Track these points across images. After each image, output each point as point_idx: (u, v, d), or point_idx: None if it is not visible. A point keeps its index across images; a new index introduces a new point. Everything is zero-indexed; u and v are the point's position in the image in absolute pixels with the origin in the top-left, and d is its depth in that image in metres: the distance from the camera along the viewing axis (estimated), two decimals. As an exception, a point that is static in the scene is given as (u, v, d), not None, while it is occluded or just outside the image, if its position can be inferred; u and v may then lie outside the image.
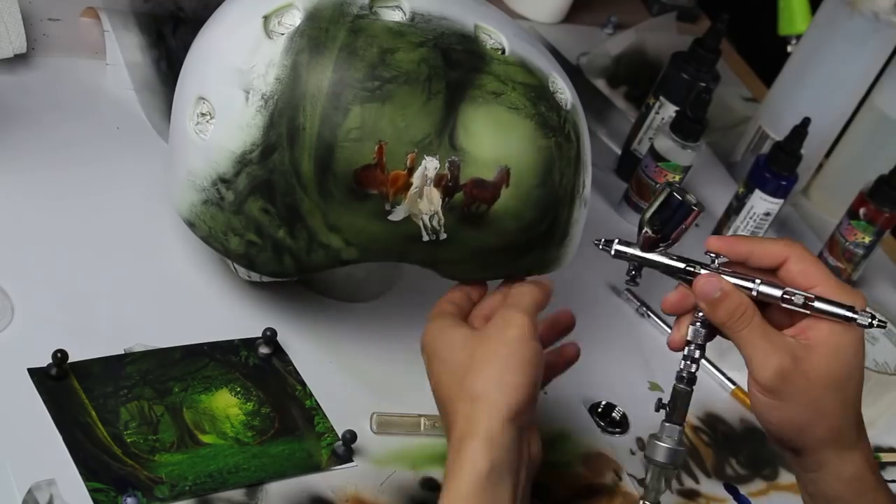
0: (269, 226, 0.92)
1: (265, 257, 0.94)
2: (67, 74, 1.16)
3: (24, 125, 1.09)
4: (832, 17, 1.34)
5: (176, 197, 0.97)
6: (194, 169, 0.94)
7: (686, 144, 1.25)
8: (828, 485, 0.87)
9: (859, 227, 1.29)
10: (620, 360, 1.16)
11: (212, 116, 0.92)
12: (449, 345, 0.88)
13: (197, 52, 0.96)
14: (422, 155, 0.90)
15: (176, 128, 0.97)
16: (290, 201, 0.91)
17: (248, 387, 0.97)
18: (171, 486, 0.88)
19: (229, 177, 0.92)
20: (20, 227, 1.01)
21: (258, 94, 0.90)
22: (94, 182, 1.07)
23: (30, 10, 1.17)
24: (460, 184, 0.91)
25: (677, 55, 1.33)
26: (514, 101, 0.92)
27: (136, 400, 0.92)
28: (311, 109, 0.89)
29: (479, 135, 0.91)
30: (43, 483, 0.84)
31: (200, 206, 0.94)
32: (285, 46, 0.90)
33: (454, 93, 0.91)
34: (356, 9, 0.91)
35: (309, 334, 1.03)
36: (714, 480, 1.08)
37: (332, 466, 0.94)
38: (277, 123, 0.90)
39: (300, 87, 0.90)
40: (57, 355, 0.90)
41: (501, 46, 0.94)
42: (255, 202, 0.92)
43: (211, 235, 0.95)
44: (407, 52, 0.90)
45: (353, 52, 0.90)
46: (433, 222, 0.92)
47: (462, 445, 0.82)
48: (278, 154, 0.90)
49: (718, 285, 0.85)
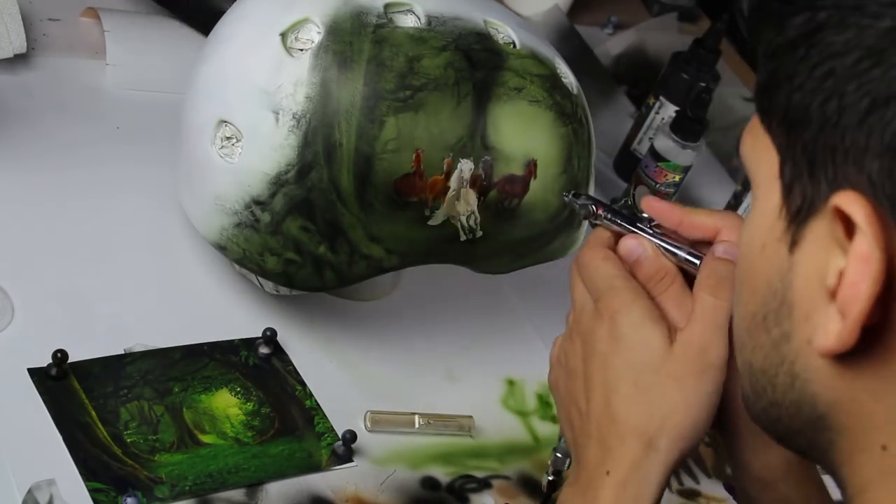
0: (310, 243, 0.92)
1: (305, 273, 0.94)
2: (67, 74, 1.16)
3: (23, 125, 1.09)
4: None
5: (202, 222, 0.96)
6: (223, 193, 0.93)
7: (686, 144, 1.25)
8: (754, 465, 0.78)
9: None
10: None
11: (238, 140, 0.92)
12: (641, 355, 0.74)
13: (210, 75, 0.95)
14: (457, 158, 0.92)
15: (194, 152, 0.95)
16: (331, 217, 0.91)
17: (248, 387, 0.97)
18: (171, 486, 0.88)
19: (264, 199, 0.91)
20: (20, 226, 1.01)
21: (289, 114, 0.90)
22: (94, 182, 1.07)
23: (30, 10, 1.17)
24: (493, 181, 0.93)
25: (677, 55, 1.33)
26: (534, 94, 0.95)
27: (136, 400, 0.92)
28: (347, 125, 0.89)
29: (507, 132, 0.93)
30: (43, 483, 0.84)
31: (232, 230, 0.94)
32: (311, 64, 0.90)
33: (481, 93, 0.92)
34: (374, 18, 0.91)
35: (309, 334, 1.03)
36: (714, 480, 1.08)
37: (332, 466, 0.94)
38: (313, 142, 0.90)
39: (332, 103, 0.90)
40: (57, 355, 0.90)
41: (511, 40, 0.96)
42: (294, 221, 0.92)
43: (245, 257, 0.95)
44: (432, 57, 0.91)
45: (380, 63, 0.90)
46: (470, 222, 0.94)
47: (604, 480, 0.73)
48: (316, 172, 0.90)
49: (641, 246, 0.79)
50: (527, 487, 0.99)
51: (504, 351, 1.10)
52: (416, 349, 1.05)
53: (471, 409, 1.03)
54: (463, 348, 1.08)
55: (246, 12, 0.96)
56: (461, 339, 1.09)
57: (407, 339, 1.06)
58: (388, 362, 1.04)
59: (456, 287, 1.10)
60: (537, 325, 1.13)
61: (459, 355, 1.07)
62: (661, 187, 1.27)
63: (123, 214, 1.06)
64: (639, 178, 1.29)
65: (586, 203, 0.83)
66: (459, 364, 1.07)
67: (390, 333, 1.06)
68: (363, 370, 1.03)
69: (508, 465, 1.01)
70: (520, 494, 0.99)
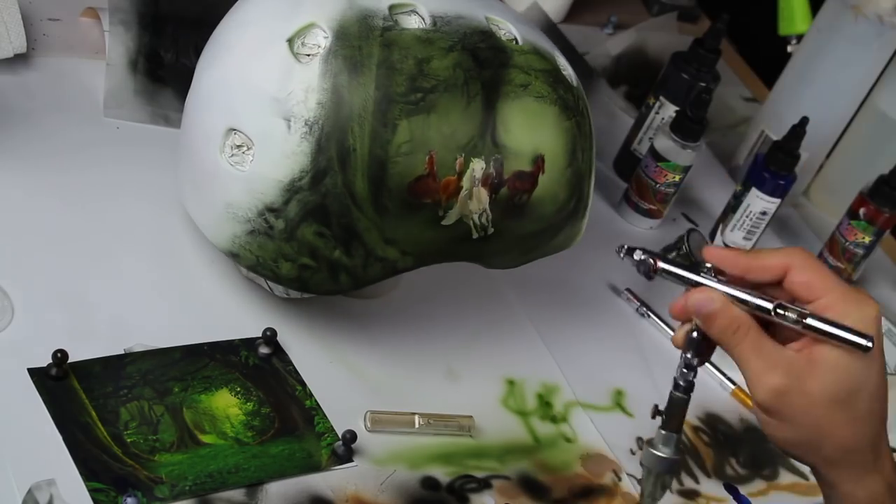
0: (325, 248, 0.92)
1: (320, 278, 0.94)
2: (67, 74, 1.16)
3: (23, 125, 1.09)
4: (835, 20, 1.33)
5: (212, 231, 0.96)
6: (235, 201, 0.93)
7: (686, 144, 1.25)
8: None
9: (859, 227, 1.29)
10: (620, 359, 1.15)
11: (248, 148, 0.92)
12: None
13: (215, 83, 0.95)
14: (469, 158, 0.92)
15: (201, 160, 0.95)
16: (346, 222, 0.91)
17: (248, 387, 0.97)
18: (171, 486, 0.88)
19: (278, 206, 0.92)
20: (20, 226, 1.01)
21: (301, 121, 0.90)
22: (93, 182, 1.07)
23: (30, 10, 1.17)
24: (504, 179, 0.94)
25: (677, 55, 1.33)
26: (539, 90, 0.95)
27: (136, 400, 0.92)
28: (360, 130, 0.90)
29: (515, 129, 0.94)
30: (43, 483, 0.84)
31: (245, 237, 0.94)
32: (321, 70, 0.90)
33: (490, 92, 0.93)
34: (380, 21, 0.91)
35: (309, 334, 1.03)
36: (714, 480, 1.08)
37: (332, 466, 0.94)
38: (326, 148, 0.90)
39: (345, 108, 0.90)
40: (57, 355, 0.90)
41: (513, 36, 0.97)
42: (309, 227, 0.92)
43: (259, 264, 0.95)
44: (440, 59, 0.92)
45: (390, 66, 0.90)
46: (482, 220, 0.95)
47: None
48: (330, 178, 0.90)
49: (711, 299, 0.78)
50: (527, 487, 0.99)
51: (504, 351, 1.10)
52: (417, 349, 1.05)
53: (471, 409, 1.02)
54: (463, 348, 1.08)
55: (247, 18, 0.95)
56: (461, 339, 1.09)
57: (407, 339, 1.06)
58: (388, 362, 1.04)
59: (456, 287, 1.10)
60: (537, 324, 1.13)
61: (460, 355, 1.07)
62: (661, 187, 1.27)
63: (123, 214, 1.06)
64: (639, 177, 1.29)
65: (644, 258, 0.81)
66: (459, 364, 1.07)
67: (390, 333, 1.06)
68: (363, 370, 1.03)
69: (508, 465, 1.00)
70: (520, 494, 0.99)
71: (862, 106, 1.40)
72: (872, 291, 1.37)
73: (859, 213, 1.29)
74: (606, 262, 1.23)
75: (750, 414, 1.15)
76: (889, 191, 1.27)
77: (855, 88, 1.37)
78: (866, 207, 1.28)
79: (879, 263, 1.41)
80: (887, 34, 1.32)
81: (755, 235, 1.31)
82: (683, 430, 1.14)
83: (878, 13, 1.31)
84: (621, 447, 1.07)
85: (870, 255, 1.32)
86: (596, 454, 1.05)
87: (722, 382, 1.17)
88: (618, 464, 1.05)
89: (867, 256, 1.32)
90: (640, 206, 1.30)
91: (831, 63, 1.35)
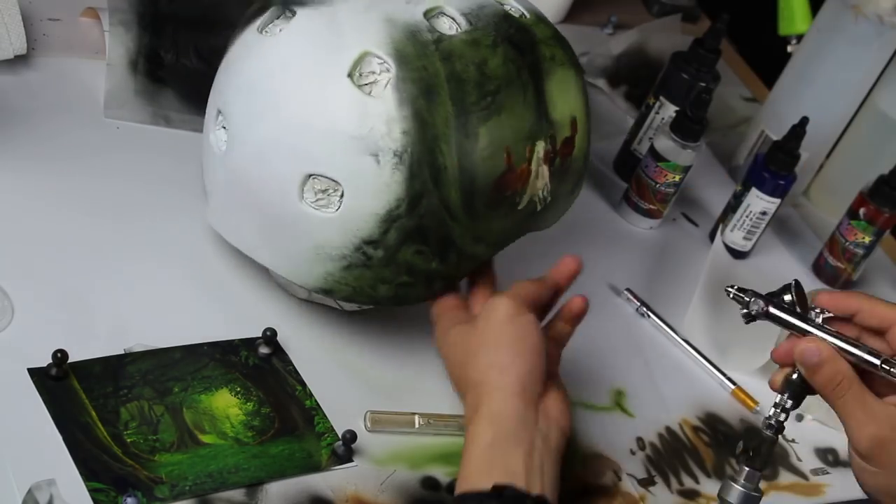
0: (423, 263, 0.94)
1: (416, 291, 0.96)
2: (67, 74, 1.16)
3: (24, 125, 1.09)
4: (835, 20, 1.33)
5: (300, 273, 0.96)
6: (326, 242, 0.93)
7: (686, 144, 1.25)
8: None
9: (859, 227, 1.29)
10: (620, 359, 1.15)
11: (334, 190, 0.91)
12: (451, 344, 0.94)
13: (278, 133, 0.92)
14: (534, 142, 0.95)
15: (276, 210, 0.93)
16: (443, 234, 0.93)
17: (248, 387, 0.97)
18: (171, 486, 0.88)
19: (376, 237, 0.92)
20: (20, 226, 1.01)
21: (389, 153, 0.90)
22: (93, 182, 1.07)
23: (30, 10, 1.17)
24: (557, 150, 0.98)
25: (677, 55, 1.33)
26: (560, 57, 0.99)
27: (136, 400, 0.92)
28: (447, 147, 0.91)
29: (558, 102, 0.98)
30: (43, 483, 0.84)
31: (340, 273, 0.94)
32: (396, 99, 0.90)
33: (535, 76, 0.96)
34: (427, 34, 0.92)
35: (309, 334, 1.03)
36: (714, 480, 1.08)
37: (332, 466, 0.94)
38: (419, 173, 0.91)
39: (429, 131, 0.91)
40: (57, 355, 0.90)
41: (521, 11, 0.99)
42: (408, 249, 0.93)
43: (356, 293, 0.96)
44: (492, 58, 0.94)
45: (458, 78, 0.92)
46: (544, 193, 0.98)
47: (470, 426, 0.88)
48: (426, 199, 0.91)
49: (818, 350, 0.82)
50: (527, 487, 0.99)
51: (504, 351, 1.10)
52: (416, 349, 1.05)
53: (471, 409, 1.02)
54: (463, 348, 1.08)
55: (287, 60, 0.92)
56: (461, 339, 1.09)
57: (407, 339, 1.06)
58: (388, 362, 1.04)
59: (456, 287, 1.10)
60: (537, 325, 1.13)
61: (459, 355, 1.07)
62: (661, 187, 1.27)
63: (123, 214, 1.06)
64: (639, 177, 1.29)
65: (756, 299, 0.85)
66: (459, 364, 1.07)
67: (391, 333, 1.06)
68: (363, 370, 1.03)
69: (508, 465, 1.00)
70: (520, 494, 0.98)
71: (862, 106, 1.40)
72: (872, 291, 1.37)
73: (859, 213, 1.29)
74: (606, 262, 1.23)
75: (750, 414, 1.15)
76: (889, 191, 1.27)
77: (855, 88, 1.37)
78: (866, 207, 1.28)
79: (879, 263, 1.41)
80: (887, 34, 1.32)
81: (755, 235, 1.31)
82: (683, 429, 1.14)
83: (878, 13, 1.31)
84: (621, 447, 1.07)
85: (870, 255, 1.32)
86: (596, 454, 1.05)
87: (722, 382, 1.17)
88: (618, 464, 1.05)
89: (867, 256, 1.32)
90: (640, 206, 1.30)
91: (831, 63, 1.35)
